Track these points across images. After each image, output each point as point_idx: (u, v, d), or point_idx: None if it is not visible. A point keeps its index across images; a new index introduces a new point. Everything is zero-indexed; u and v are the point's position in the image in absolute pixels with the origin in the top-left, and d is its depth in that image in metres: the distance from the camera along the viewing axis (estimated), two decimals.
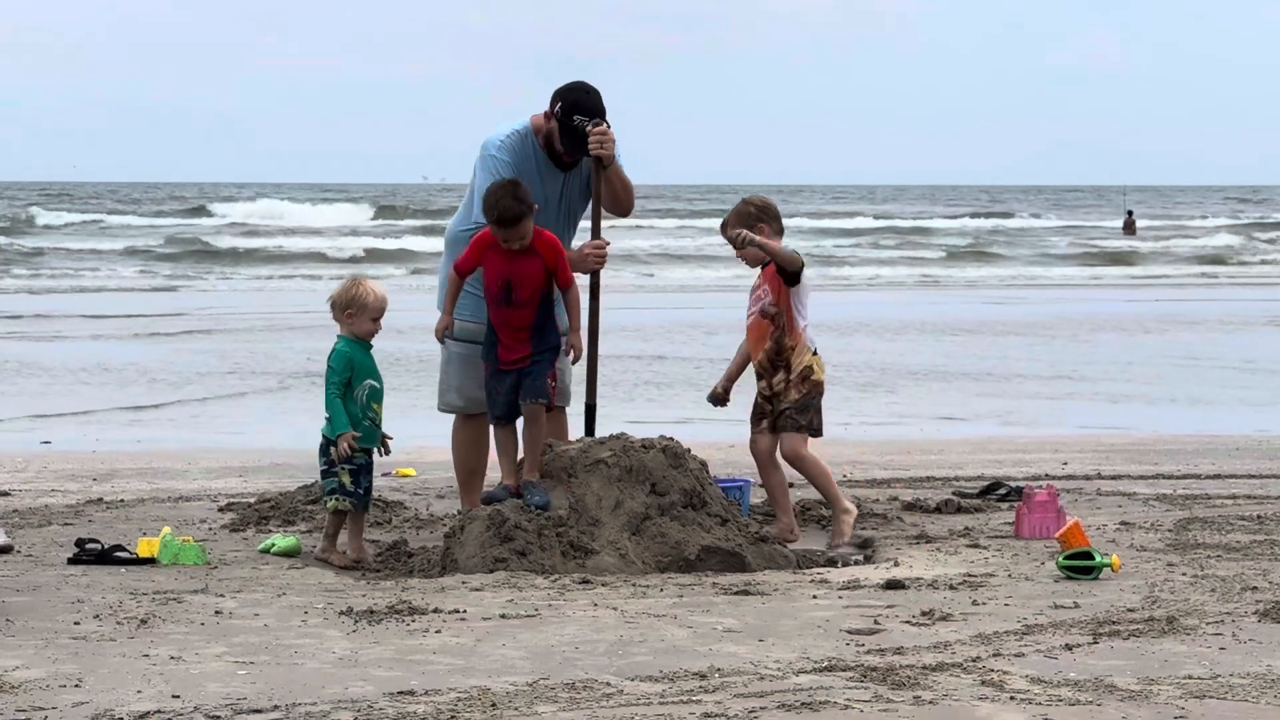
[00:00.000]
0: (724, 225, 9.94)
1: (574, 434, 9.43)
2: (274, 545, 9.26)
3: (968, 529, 9.91)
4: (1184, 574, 8.47)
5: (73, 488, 11.92)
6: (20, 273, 44.52)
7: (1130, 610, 7.62)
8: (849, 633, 7.19)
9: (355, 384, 9.11)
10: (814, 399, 9.76)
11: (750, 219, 9.78)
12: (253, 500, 10.85)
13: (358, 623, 7.39)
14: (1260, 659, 6.75)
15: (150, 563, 8.86)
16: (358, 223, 70.56)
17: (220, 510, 10.70)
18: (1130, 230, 69.67)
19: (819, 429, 9.81)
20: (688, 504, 8.80)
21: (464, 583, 8.23)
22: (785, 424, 9.72)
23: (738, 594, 7.98)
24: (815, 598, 7.94)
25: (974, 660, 6.67)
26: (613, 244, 9.51)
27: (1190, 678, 6.45)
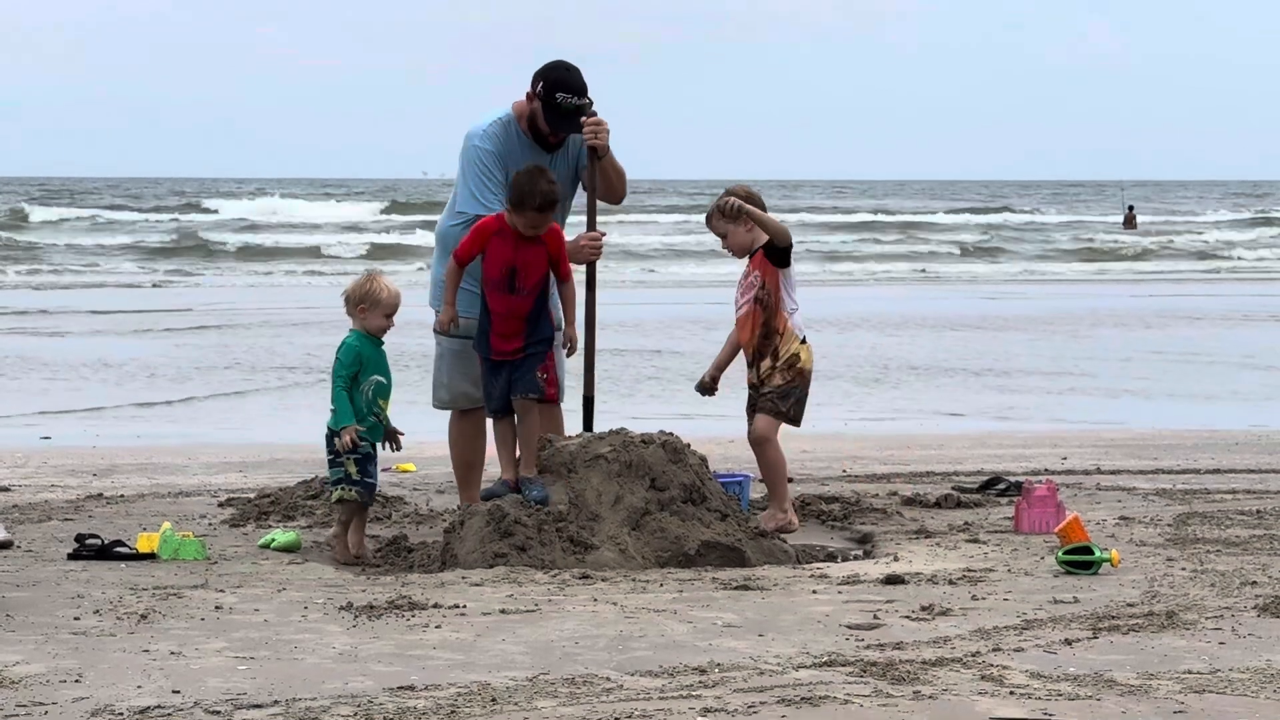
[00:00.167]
0: (709, 218, 9.93)
1: (570, 429, 9.43)
2: (274, 540, 9.27)
3: (967, 524, 9.91)
4: (1183, 569, 8.47)
5: (73, 483, 11.91)
6: (19, 269, 44.47)
7: (1130, 605, 7.62)
8: (849, 628, 7.19)
9: (363, 378, 9.12)
10: (797, 388, 9.73)
11: (734, 209, 9.76)
12: (253, 496, 10.85)
13: (358, 618, 7.39)
14: (1260, 653, 6.75)
15: (150, 558, 8.85)
16: (368, 218, 70.39)
17: (220, 505, 10.70)
18: (1131, 225, 69.62)
19: (797, 419, 9.80)
20: (687, 499, 8.80)
21: (464, 578, 8.24)
22: (763, 406, 9.71)
23: (737, 589, 7.99)
24: (815, 593, 7.94)
25: (973, 655, 6.67)
26: (614, 239, 9.52)
27: (1190, 672, 6.45)
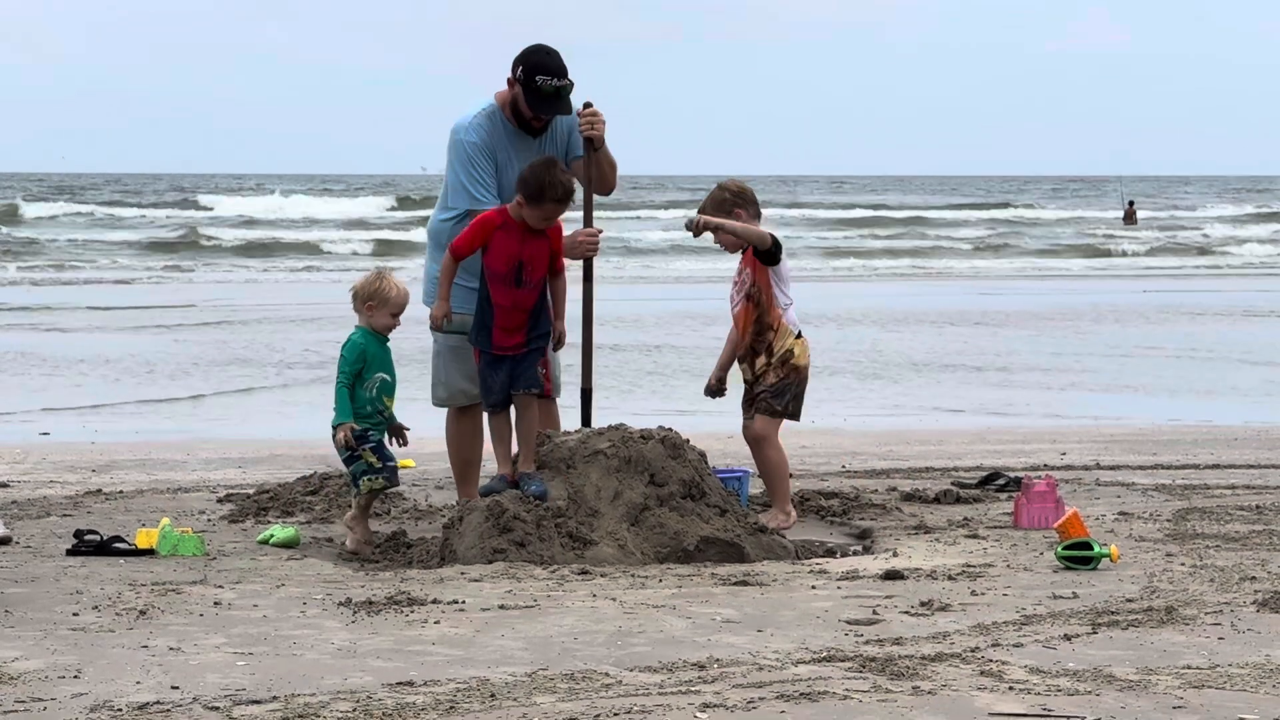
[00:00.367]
0: (700, 212, 9.87)
1: (567, 423, 9.43)
2: (273, 536, 9.27)
3: (966, 519, 9.91)
4: (1183, 564, 8.47)
5: (71, 479, 11.91)
6: (18, 264, 44.46)
7: (1129, 600, 7.62)
8: (848, 623, 7.19)
9: (367, 376, 9.13)
10: (792, 384, 9.71)
11: (726, 205, 9.72)
12: (251, 491, 10.85)
13: (356, 614, 7.39)
14: (1259, 649, 6.75)
15: (149, 554, 8.85)
16: (374, 213, 70.31)
17: (219, 501, 10.70)
18: (1131, 220, 69.61)
19: (796, 414, 9.78)
20: (686, 495, 8.80)
21: (463, 573, 8.23)
22: (759, 406, 9.70)
23: (736, 584, 7.98)
24: (814, 588, 7.94)
25: (973, 650, 6.67)
26: (613, 233, 9.53)
27: (1189, 668, 6.45)
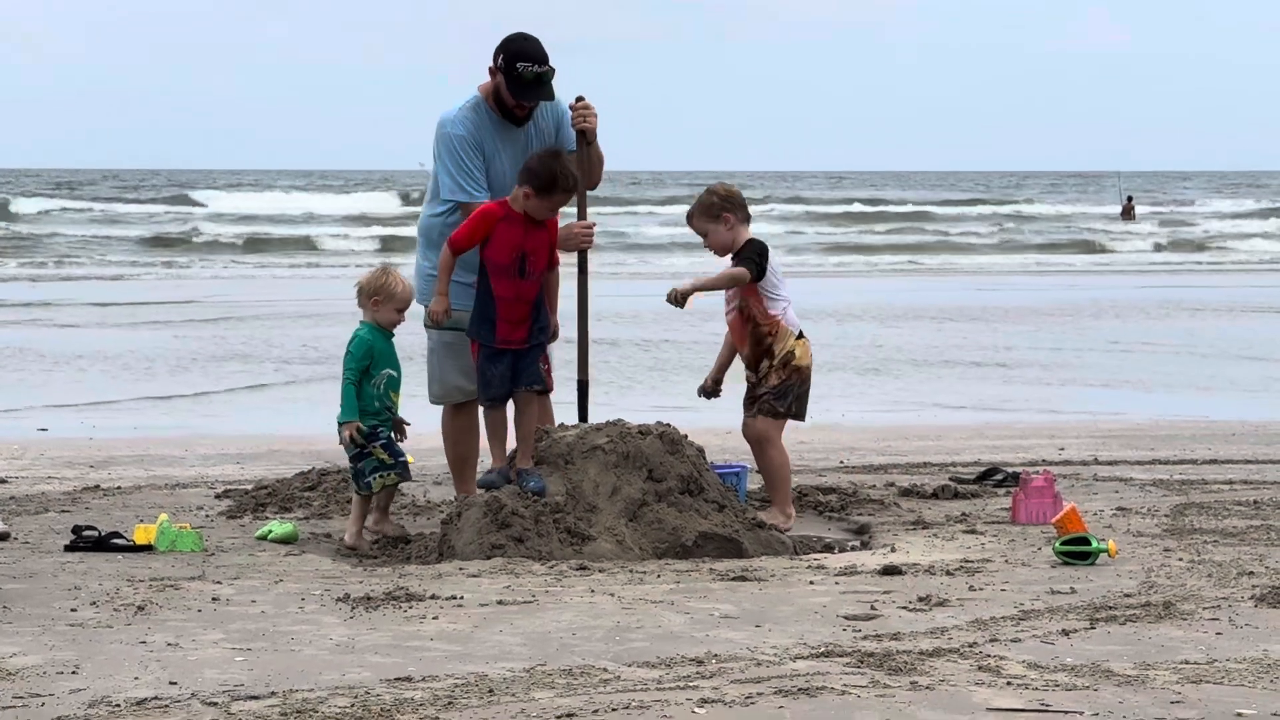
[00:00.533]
0: (689, 216, 9.83)
1: (561, 417, 9.42)
2: (271, 532, 9.27)
3: (964, 515, 9.91)
4: (1180, 559, 8.47)
5: (69, 475, 11.92)
6: (17, 260, 44.45)
7: (1127, 595, 7.63)
8: (846, 618, 7.19)
9: (374, 372, 9.15)
10: (794, 385, 9.67)
11: (714, 209, 9.65)
12: (250, 487, 10.86)
13: (355, 609, 7.39)
14: (1256, 644, 6.75)
15: (147, 550, 8.86)
16: (381, 210, 70.28)
17: (217, 497, 10.70)
18: (1129, 215, 69.60)
19: (801, 414, 9.75)
20: (685, 490, 8.80)
21: (461, 569, 8.24)
22: (762, 408, 9.67)
23: (735, 580, 7.99)
24: (812, 584, 7.94)
25: (970, 646, 6.68)
26: (610, 228, 9.51)
27: (1187, 663, 6.46)
